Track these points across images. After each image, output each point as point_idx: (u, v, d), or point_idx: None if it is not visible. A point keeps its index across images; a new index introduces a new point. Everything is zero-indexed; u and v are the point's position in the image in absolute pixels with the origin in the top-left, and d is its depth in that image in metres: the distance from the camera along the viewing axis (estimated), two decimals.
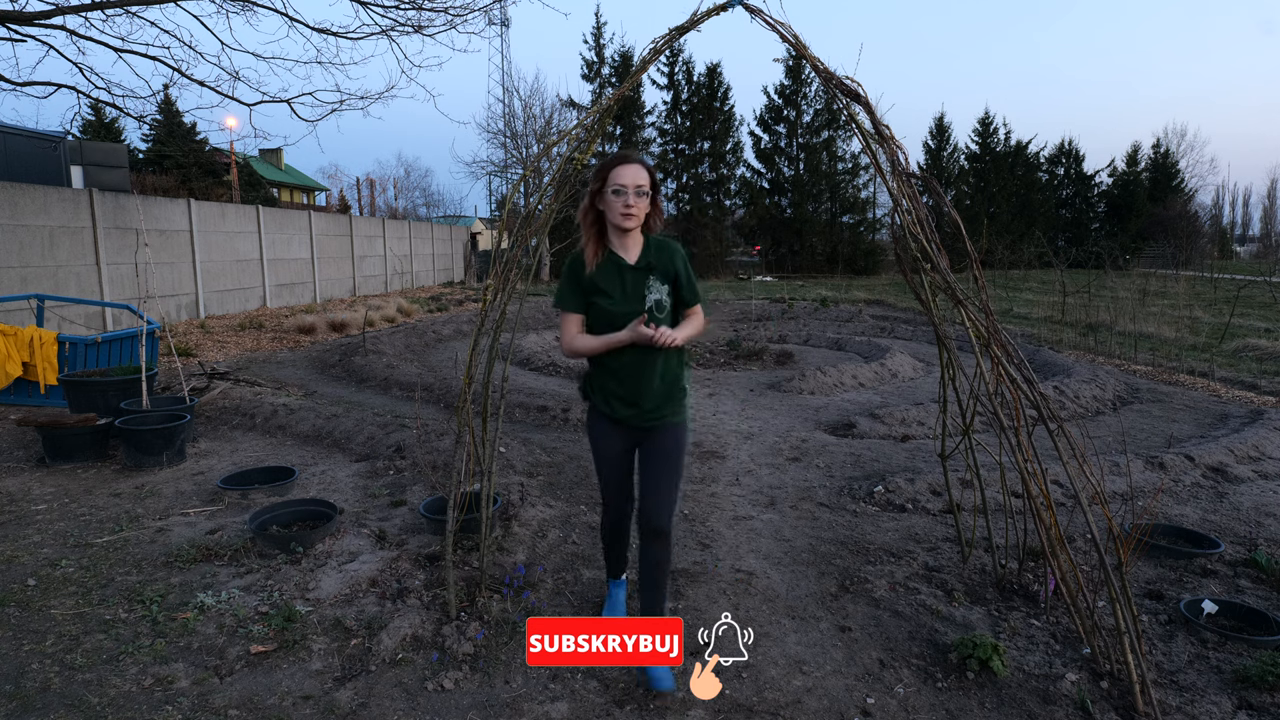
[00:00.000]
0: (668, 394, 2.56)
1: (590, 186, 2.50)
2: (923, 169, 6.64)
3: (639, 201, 2.45)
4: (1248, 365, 9.55)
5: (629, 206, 2.43)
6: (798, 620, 3.11)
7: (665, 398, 2.56)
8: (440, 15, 8.61)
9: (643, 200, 2.46)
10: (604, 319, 2.53)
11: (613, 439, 2.63)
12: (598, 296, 2.52)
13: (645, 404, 2.54)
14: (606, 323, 2.52)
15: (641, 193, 2.45)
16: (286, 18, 8.37)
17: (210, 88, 8.56)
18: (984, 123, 38.60)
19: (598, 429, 2.65)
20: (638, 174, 2.45)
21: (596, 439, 2.66)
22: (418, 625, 2.94)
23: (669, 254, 2.56)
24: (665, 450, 2.57)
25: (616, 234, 2.53)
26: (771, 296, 20.69)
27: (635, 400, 2.53)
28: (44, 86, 7.89)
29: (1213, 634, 2.90)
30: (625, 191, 2.43)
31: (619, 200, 2.44)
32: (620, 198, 2.44)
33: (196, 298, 13.73)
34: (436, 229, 27.51)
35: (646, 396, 2.53)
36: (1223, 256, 47.89)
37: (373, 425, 5.91)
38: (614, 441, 2.63)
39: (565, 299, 2.59)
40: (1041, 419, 2.65)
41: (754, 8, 2.82)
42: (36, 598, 3.24)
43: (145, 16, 8.00)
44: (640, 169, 2.46)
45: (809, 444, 5.82)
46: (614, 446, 2.63)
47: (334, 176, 65.55)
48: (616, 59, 33.07)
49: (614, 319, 2.50)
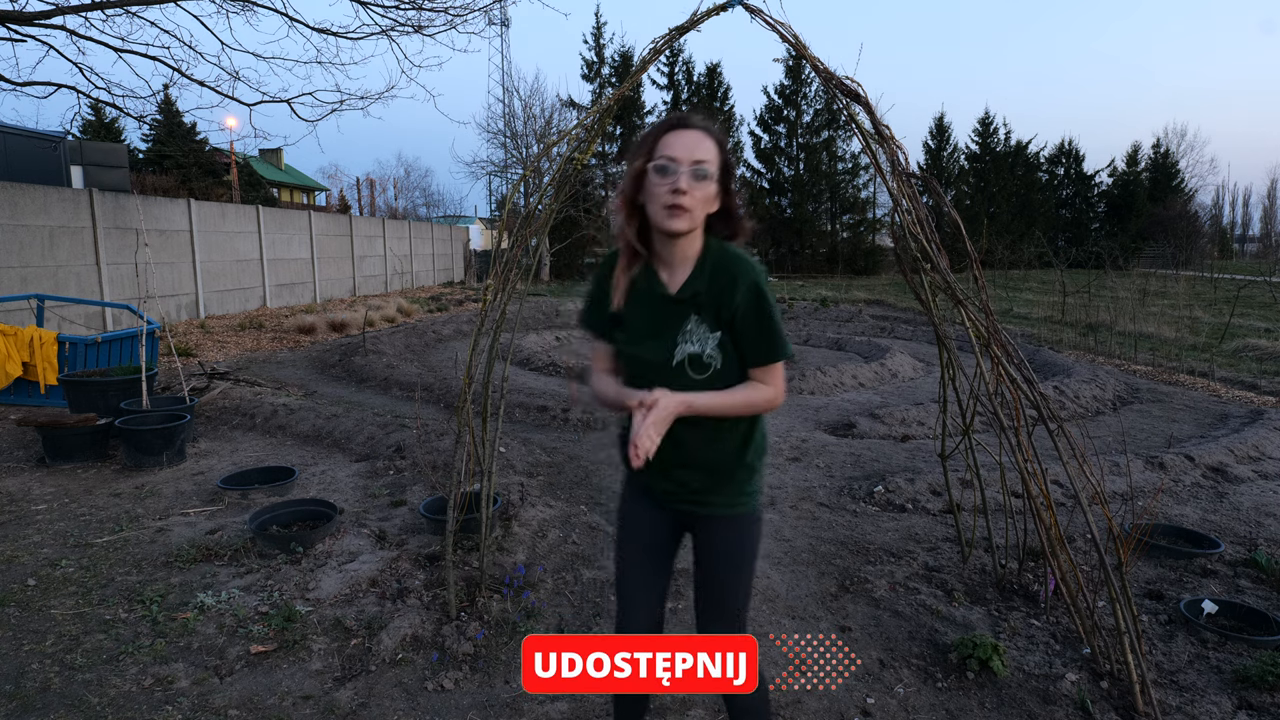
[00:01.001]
0: (723, 470, 1.76)
1: (631, 162, 1.67)
2: (923, 169, 6.64)
3: (696, 187, 1.60)
4: (1248, 365, 9.55)
5: (678, 193, 1.58)
6: (798, 620, 3.11)
7: (717, 475, 1.76)
8: (440, 15, 8.62)
9: (703, 186, 1.62)
10: (624, 364, 1.79)
11: (649, 515, 1.87)
12: (617, 328, 1.78)
13: (687, 478, 1.77)
14: (627, 370, 1.78)
15: (701, 173, 1.60)
16: (286, 18, 8.37)
17: (210, 88, 8.56)
18: (984, 123, 38.60)
19: (630, 499, 1.92)
20: (698, 144, 1.61)
21: (625, 513, 1.93)
22: (418, 625, 2.94)
23: (732, 279, 1.66)
24: (723, 552, 1.81)
25: (662, 241, 1.69)
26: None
27: (669, 472, 1.77)
28: (44, 86, 7.89)
29: (1213, 634, 2.90)
30: (676, 169, 1.59)
31: (665, 183, 1.59)
32: (667, 179, 1.59)
33: (196, 298, 13.72)
34: (436, 229, 27.52)
35: (689, 469, 1.76)
36: (1223, 256, 47.89)
37: (373, 425, 5.91)
38: (650, 519, 1.87)
39: (589, 317, 1.84)
40: (1041, 419, 2.65)
41: (754, 8, 2.82)
42: (36, 598, 3.24)
43: (145, 16, 8.01)
44: (704, 138, 1.63)
45: (809, 444, 5.82)
46: (648, 525, 1.88)
47: (334, 176, 65.54)
48: (616, 59, 33.08)
49: (634, 368, 1.74)
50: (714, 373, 1.68)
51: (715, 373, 1.68)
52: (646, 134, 1.67)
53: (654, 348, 1.70)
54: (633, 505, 1.90)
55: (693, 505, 1.80)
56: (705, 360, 1.68)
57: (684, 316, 1.69)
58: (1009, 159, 38.17)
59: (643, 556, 1.89)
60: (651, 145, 1.63)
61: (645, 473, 1.78)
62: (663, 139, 1.62)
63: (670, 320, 1.70)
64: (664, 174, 1.60)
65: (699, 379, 1.68)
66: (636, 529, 1.89)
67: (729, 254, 1.70)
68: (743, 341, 1.68)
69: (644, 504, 1.87)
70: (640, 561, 1.89)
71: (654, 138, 1.64)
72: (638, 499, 1.89)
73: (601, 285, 1.79)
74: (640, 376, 1.71)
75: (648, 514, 1.87)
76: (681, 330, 1.69)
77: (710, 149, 1.63)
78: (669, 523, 1.87)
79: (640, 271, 1.73)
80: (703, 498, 1.79)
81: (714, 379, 1.68)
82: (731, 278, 1.66)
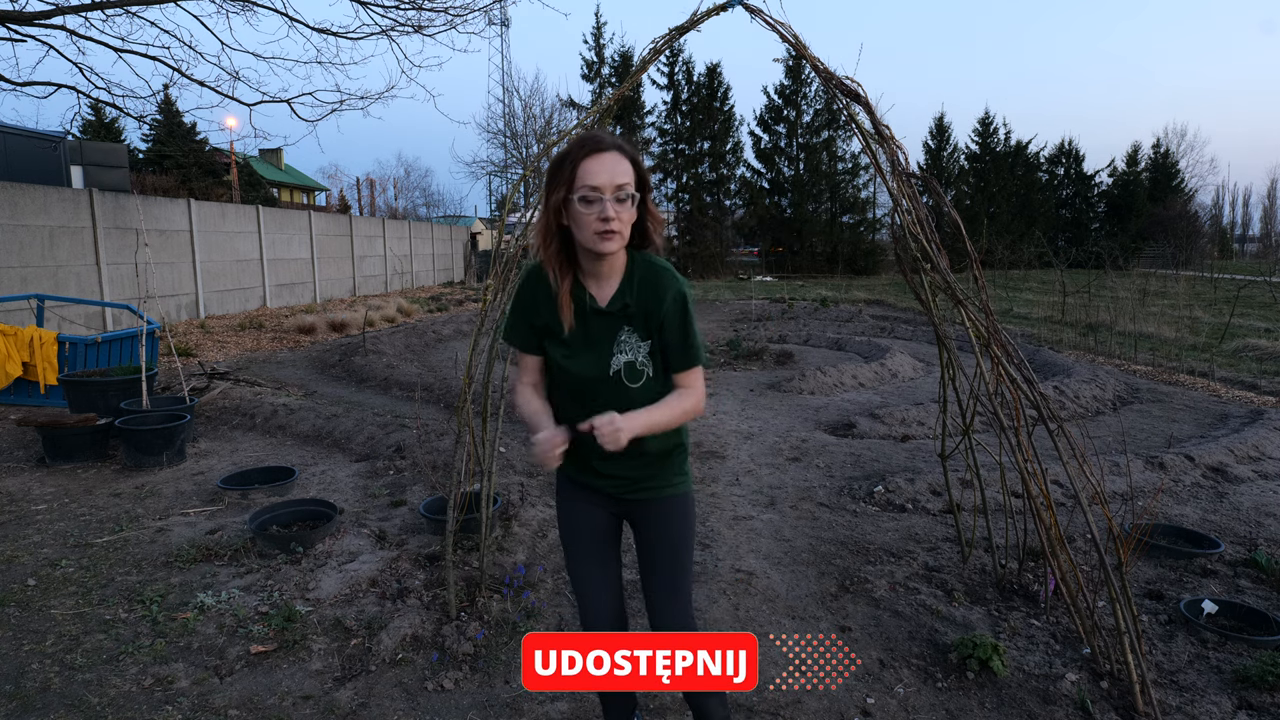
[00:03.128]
0: (661, 456, 1.84)
1: (548, 194, 1.68)
2: (923, 169, 6.65)
3: (622, 210, 1.63)
4: (1248, 365, 9.55)
5: (607, 220, 1.61)
6: (798, 620, 3.11)
7: (657, 462, 1.84)
8: (440, 15, 8.62)
9: (627, 208, 1.64)
10: (552, 373, 1.84)
11: (589, 512, 1.92)
12: (549, 340, 1.78)
13: (626, 470, 1.83)
14: (564, 382, 1.81)
15: (624, 195, 1.63)
16: (286, 18, 8.37)
17: (210, 88, 8.56)
18: (984, 123, 38.61)
19: (567, 498, 1.94)
20: (616, 167, 1.62)
21: (566, 513, 1.94)
22: (418, 625, 2.94)
23: (658, 290, 1.72)
24: (667, 533, 1.89)
25: (589, 258, 1.71)
26: (771, 296, 20.68)
27: (611, 465, 1.82)
28: (44, 86, 7.89)
29: (1213, 634, 2.90)
30: (601, 199, 1.61)
31: (592, 213, 1.61)
32: (593, 209, 1.61)
33: (196, 298, 13.73)
34: (436, 229, 27.53)
35: (628, 459, 1.78)
36: (1223, 256, 47.89)
37: (373, 425, 5.91)
38: (591, 514, 1.92)
39: (512, 330, 1.85)
40: (1041, 419, 2.65)
41: (754, 8, 2.82)
42: (36, 598, 3.24)
43: (145, 16, 8.01)
44: (619, 158, 1.63)
45: (809, 444, 5.82)
46: (590, 520, 1.92)
47: (334, 176, 65.58)
48: (616, 59, 33.09)
49: (572, 380, 1.78)
50: (646, 380, 1.76)
51: (648, 380, 1.76)
52: (561, 161, 1.65)
53: (590, 360, 1.75)
54: (572, 504, 1.93)
55: (634, 493, 1.87)
56: (639, 368, 1.75)
57: (616, 328, 1.74)
58: (1009, 159, 38.19)
59: (593, 551, 1.93)
60: (571, 175, 1.63)
61: (583, 471, 1.87)
62: (581, 166, 1.62)
63: (604, 332, 1.75)
64: (589, 204, 1.62)
65: (633, 387, 1.75)
66: (581, 526, 1.93)
67: (653, 266, 1.75)
68: (669, 349, 1.75)
69: (583, 501, 1.92)
70: (591, 557, 1.93)
71: (572, 166, 1.63)
72: (574, 497, 1.93)
73: (523, 298, 1.80)
74: (578, 388, 1.78)
75: (589, 510, 1.92)
76: (615, 341, 1.75)
77: (628, 170, 1.64)
78: (609, 515, 1.93)
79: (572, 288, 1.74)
80: (644, 484, 1.86)
81: (647, 386, 1.76)
82: (658, 289, 1.72)
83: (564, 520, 1.95)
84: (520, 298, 1.81)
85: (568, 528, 1.94)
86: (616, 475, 1.85)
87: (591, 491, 1.90)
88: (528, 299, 1.79)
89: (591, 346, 1.75)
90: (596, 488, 1.89)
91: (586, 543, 1.93)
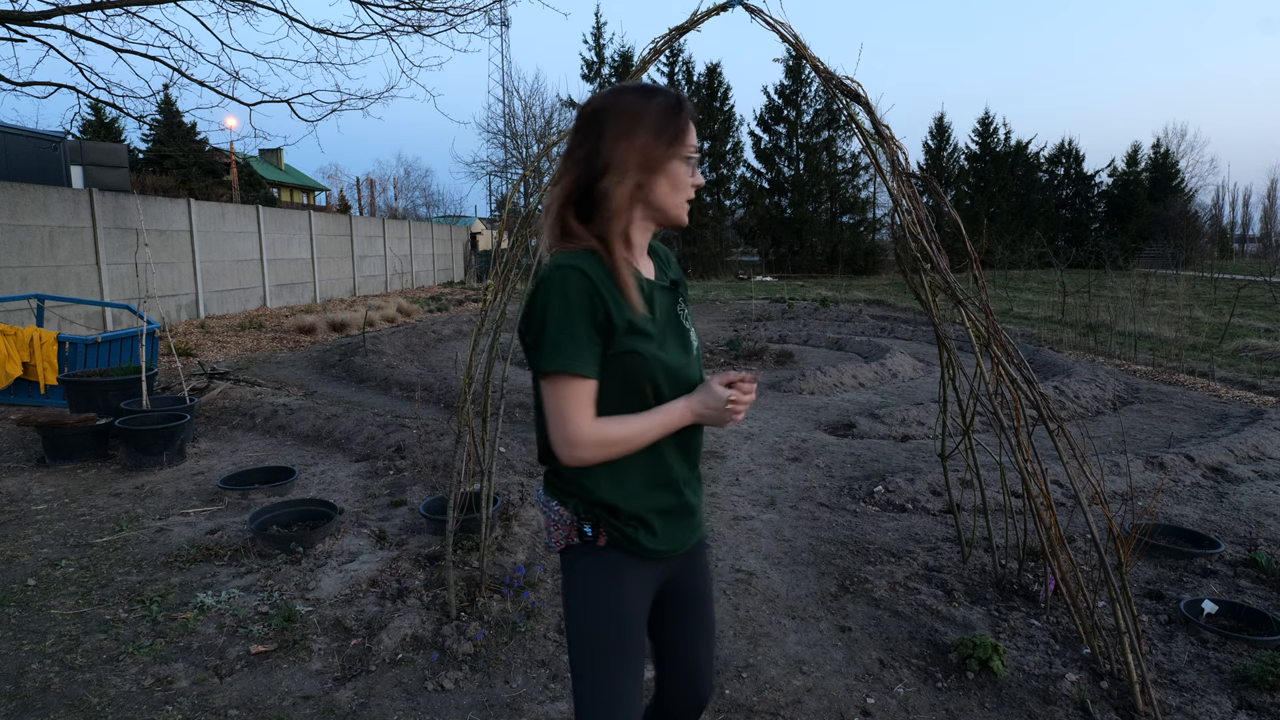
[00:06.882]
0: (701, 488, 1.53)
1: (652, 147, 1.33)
2: (923, 169, 6.65)
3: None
4: (1248, 365, 9.55)
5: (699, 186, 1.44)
6: (798, 620, 3.11)
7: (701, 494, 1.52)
8: (440, 15, 8.63)
9: None
10: (638, 382, 1.33)
11: (643, 595, 1.42)
12: (636, 340, 1.32)
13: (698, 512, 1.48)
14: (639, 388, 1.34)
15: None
16: (286, 18, 8.38)
17: (210, 88, 8.58)
18: (984, 123, 38.60)
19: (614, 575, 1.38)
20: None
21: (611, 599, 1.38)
22: (418, 625, 2.94)
23: (671, 260, 1.55)
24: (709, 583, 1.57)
25: (645, 230, 1.42)
26: (771, 296, 20.68)
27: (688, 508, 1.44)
28: (44, 86, 7.90)
29: (1213, 634, 2.90)
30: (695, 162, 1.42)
31: (693, 176, 1.41)
32: (693, 171, 1.41)
33: (196, 298, 13.72)
34: (436, 229, 27.51)
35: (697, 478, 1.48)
36: (1223, 256, 47.90)
37: (373, 425, 5.91)
38: (645, 598, 1.43)
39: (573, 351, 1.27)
40: (1041, 419, 2.65)
41: (754, 8, 2.82)
42: (36, 598, 3.24)
43: (145, 16, 8.02)
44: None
45: (809, 444, 5.82)
46: (644, 608, 1.43)
47: (334, 176, 65.67)
48: (616, 59, 33.09)
49: (663, 376, 1.35)
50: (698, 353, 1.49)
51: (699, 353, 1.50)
52: (666, 115, 1.34)
53: (678, 346, 1.41)
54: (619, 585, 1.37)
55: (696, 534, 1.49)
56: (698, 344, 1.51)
57: (679, 302, 1.48)
58: (1009, 159, 38.17)
59: (641, 656, 1.41)
60: (683, 131, 1.36)
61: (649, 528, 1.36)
62: (690, 126, 1.38)
63: (673, 310, 1.45)
64: (691, 166, 1.39)
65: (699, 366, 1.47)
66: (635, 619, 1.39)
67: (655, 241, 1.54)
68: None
69: (634, 578, 1.39)
70: (639, 665, 1.40)
71: (685, 124, 1.36)
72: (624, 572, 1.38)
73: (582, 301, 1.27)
74: (672, 384, 1.37)
75: (642, 593, 1.41)
76: (683, 315, 1.47)
77: None
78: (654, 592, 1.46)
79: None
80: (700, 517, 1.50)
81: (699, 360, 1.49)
82: (669, 258, 1.54)
83: (607, 610, 1.37)
84: (573, 299, 1.27)
85: (614, 621, 1.36)
86: (697, 507, 1.46)
87: (644, 559, 1.38)
88: (586, 295, 1.27)
89: (673, 328, 1.42)
90: (663, 549, 1.39)
91: (637, 645, 1.39)
